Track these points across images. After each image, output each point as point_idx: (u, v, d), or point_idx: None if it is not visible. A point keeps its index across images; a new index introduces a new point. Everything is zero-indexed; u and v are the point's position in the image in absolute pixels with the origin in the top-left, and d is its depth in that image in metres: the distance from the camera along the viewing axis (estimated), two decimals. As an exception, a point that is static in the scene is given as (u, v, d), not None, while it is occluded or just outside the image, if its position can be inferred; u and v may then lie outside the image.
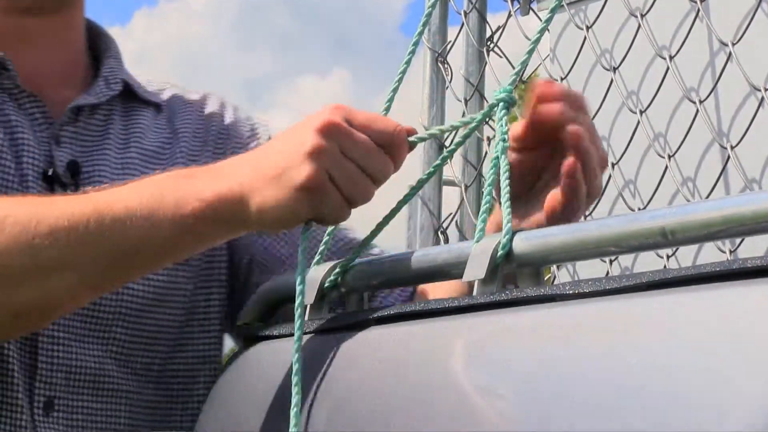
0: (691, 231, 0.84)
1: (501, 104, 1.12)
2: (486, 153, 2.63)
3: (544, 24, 1.15)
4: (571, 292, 0.88)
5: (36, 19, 1.38)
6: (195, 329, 1.37)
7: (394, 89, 1.21)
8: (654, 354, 0.77)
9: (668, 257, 2.07)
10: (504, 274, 0.98)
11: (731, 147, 2.03)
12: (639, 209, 2.20)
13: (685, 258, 2.05)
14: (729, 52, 2.04)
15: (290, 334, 1.15)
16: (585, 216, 1.23)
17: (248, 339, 1.24)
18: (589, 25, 2.36)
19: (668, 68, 2.16)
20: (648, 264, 2.10)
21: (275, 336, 1.18)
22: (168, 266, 1.31)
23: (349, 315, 1.10)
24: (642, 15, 2.23)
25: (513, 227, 0.99)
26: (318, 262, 1.18)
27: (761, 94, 1.98)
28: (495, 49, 2.65)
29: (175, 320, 1.35)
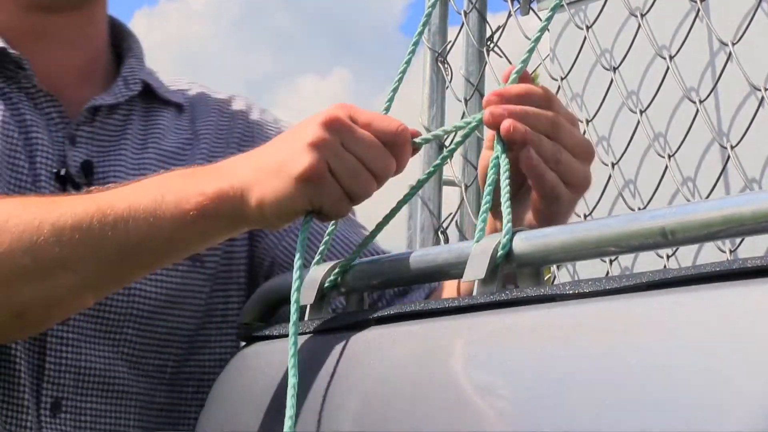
0: (691, 231, 0.84)
1: None
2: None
3: (545, 23, 1.15)
4: (571, 292, 0.88)
5: (56, 17, 1.38)
6: (212, 332, 1.35)
7: (394, 89, 1.21)
8: (654, 354, 0.77)
9: (668, 257, 2.07)
10: (504, 274, 0.98)
11: (731, 147, 2.03)
12: (639, 209, 2.19)
13: (685, 258, 2.05)
14: (729, 52, 2.04)
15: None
16: (585, 216, 1.23)
17: (248, 339, 1.24)
18: (589, 25, 2.36)
19: (668, 68, 2.16)
20: (648, 264, 2.10)
21: (275, 336, 1.18)
22: (180, 267, 1.31)
23: (349, 315, 1.10)
24: (642, 15, 2.23)
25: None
26: (318, 262, 1.18)
27: (761, 94, 1.98)
28: (495, 49, 2.65)
29: (190, 323, 1.34)
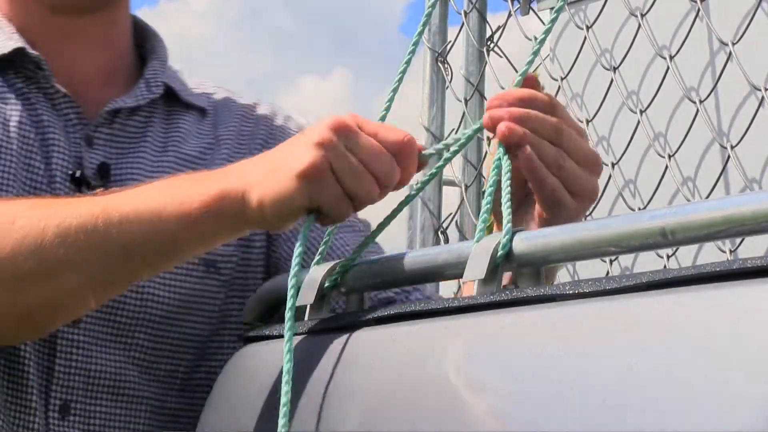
0: (691, 231, 0.84)
1: None
2: (486, 153, 2.63)
3: (550, 24, 1.15)
4: (571, 292, 0.88)
5: (78, 19, 1.38)
6: (225, 338, 1.34)
7: (394, 89, 1.21)
8: (654, 354, 0.77)
9: (668, 257, 2.07)
10: (503, 274, 0.98)
11: (731, 147, 2.03)
12: (639, 209, 2.19)
13: (685, 258, 2.05)
14: (729, 52, 2.04)
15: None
16: (585, 216, 1.22)
17: (248, 339, 1.24)
18: (589, 25, 2.36)
19: (668, 68, 2.16)
20: (648, 264, 2.10)
21: (275, 336, 1.18)
22: (194, 273, 1.31)
23: (349, 315, 1.10)
24: (642, 15, 2.23)
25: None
26: (318, 262, 1.18)
27: (761, 94, 1.98)
28: (495, 49, 2.65)
29: (204, 329, 1.33)
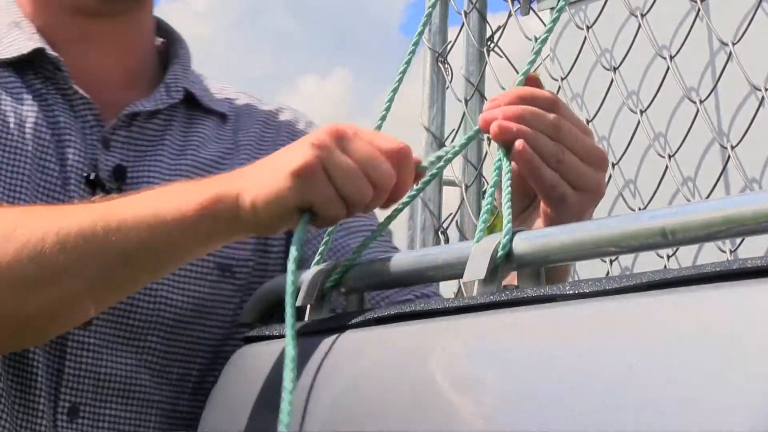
0: (691, 231, 0.84)
1: None
2: (486, 153, 2.63)
3: (552, 24, 1.15)
4: (571, 292, 0.88)
5: (100, 22, 1.38)
6: (239, 342, 1.35)
7: (394, 89, 1.21)
8: (654, 354, 0.77)
9: (668, 257, 2.07)
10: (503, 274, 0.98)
11: (731, 147, 2.03)
12: (639, 209, 2.19)
13: (685, 258, 2.05)
14: (729, 52, 2.04)
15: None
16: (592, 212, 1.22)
17: (248, 339, 1.24)
18: (589, 25, 2.36)
19: (668, 68, 2.16)
20: (648, 264, 2.10)
21: (275, 336, 1.18)
22: (209, 277, 1.31)
23: (349, 315, 1.10)
24: (642, 15, 2.23)
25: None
26: (318, 262, 1.18)
27: (761, 94, 1.98)
28: (495, 49, 2.65)
29: (218, 332, 1.32)
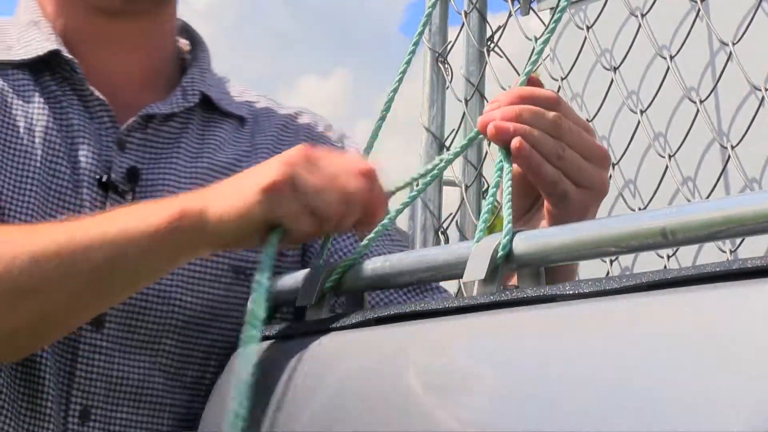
0: (691, 231, 0.84)
1: None
2: (486, 153, 2.63)
3: (554, 24, 1.15)
4: (571, 292, 0.88)
5: (122, 22, 1.37)
6: None
7: (394, 89, 1.21)
8: (654, 354, 0.77)
9: (668, 257, 2.07)
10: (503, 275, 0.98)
11: (731, 147, 2.03)
12: (639, 209, 2.19)
13: (685, 258, 2.05)
14: (729, 52, 2.04)
15: (289, 335, 1.16)
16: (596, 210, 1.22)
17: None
18: (589, 25, 2.36)
19: (668, 68, 2.16)
20: (648, 264, 2.10)
21: (274, 336, 1.18)
22: (223, 279, 1.30)
23: (349, 315, 1.10)
24: (642, 15, 2.23)
25: None
26: (318, 263, 1.18)
27: (761, 94, 1.98)
28: (495, 49, 2.65)
29: (232, 335, 1.31)
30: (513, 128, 1.11)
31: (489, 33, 2.67)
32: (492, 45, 2.65)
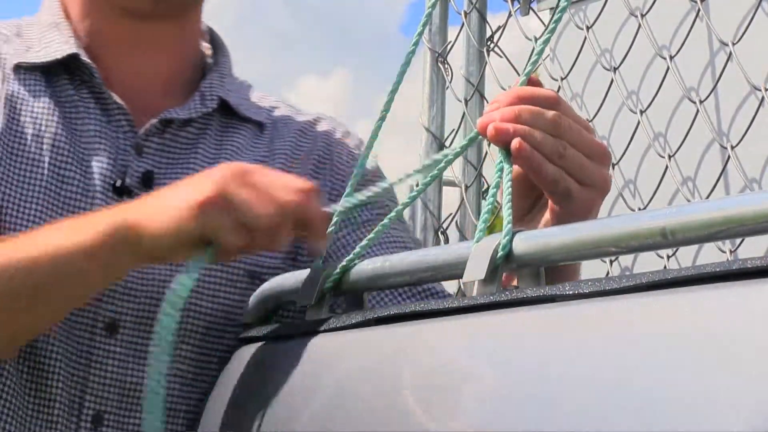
0: (691, 231, 0.84)
1: None
2: (486, 153, 2.63)
3: (554, 24, 1.15)
4: (571, 292, 0.88)
5: (149, 25, 1.37)
6: None
7: (394, 89, 1.21)
8: (654, 354, 0.77)
9: (668, 257, 2.07)
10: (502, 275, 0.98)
11: (731, 147, 2.03)
12: (639, 209, 2.20)
13: (685, 258, 2.05)
14: (729, 52, 2.04)
15: (289, 335, 1.16)
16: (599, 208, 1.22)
17: (246, 340, 1.24)
18: (589, 25, 2.36)
19: (668, 68, 2.16)
20: (648, 264, 2.10)
21: (274, 336, 1.18)
22: (239, 284, 1.30)
23: (349, 315, 1.10)
24: (642, 15, 2.23)
25: None
26: (317, 263, 1.18)
27: (761, 94, 1.98)
28: (495, 49, 2.65)
29: None
30: (513, 129, 1.11)
31: (489, 33, 2.67)
32: (492, 45, 2.65)
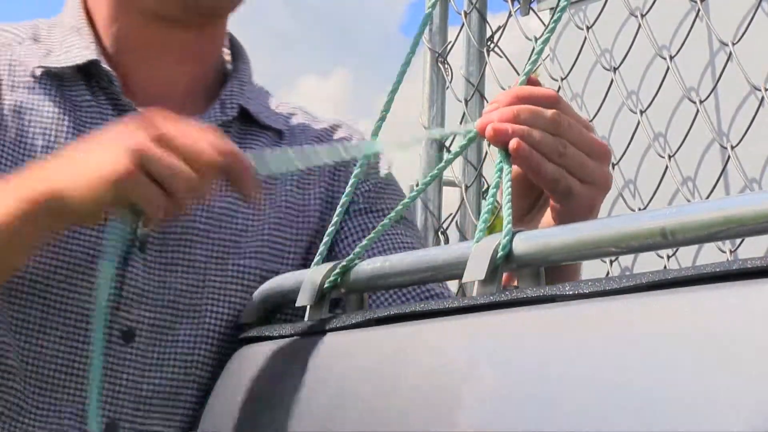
0: (691, 231, 0.84)
1: None
2: (486, 153, 2.63)
3: (553, 24, 1.15)
4: (571, 293, 0.88)
5: (175, 31, 1.36)
6: None
7: (394, 89, 1.21)
8: (654, 354, 0.77)
9: (668, 257, 2.07)
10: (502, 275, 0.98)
11: (731, 147, 2.03)
12: (639, 209, 2.20)
13: (685, 258, 2.06)
14: (729, 52, 2.05)
15: (289, 335, 1.16)
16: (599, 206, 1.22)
17: (246, 340, 1.24)
18: (589, 25, 2.36)
19: (668, 68, 2.16)
20: (648, 264, 2.10)
21: (274, 336, 1.18)
22: (253, 287, 1.30)
23: (349, 315, 1.10)
24: (642, 15, 2.23)
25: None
26: (318, 263, 1.18)
27: (761, 94, 1.98)
28: (495, 50, 2.65)
29: None
30: (511, 129, 1.11)
31: (489, 33, 2.67)
32: (492, 45, 2.65)
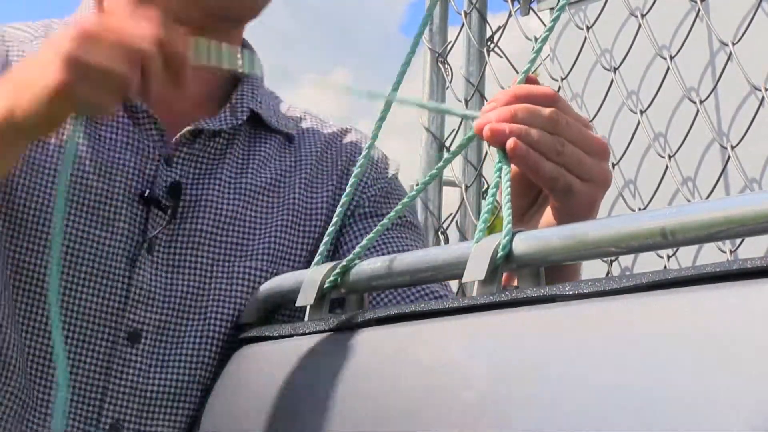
0: (691, 231, 0.84)
1: None
2: (486, 153, 2.63)
3: (552, 23, 1.15)
4: (571, 293, 0.88)
5: (199, 36, 1.36)
6: None
7: (394, 89, 1.21)
8: (654, 354, 0.77)
9: (668, 257, 2.07)
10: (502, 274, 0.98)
11: (731, 147, 2.03)
12: (639, 209, 2.20)
13: (685, 258, 2.06)
14: (729, 52, 2.05)
15: (289, 335, 1.16)
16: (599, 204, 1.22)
17: (246, 340, 1.24)
18: (589, 25, 2.36)
19: (668, 68, 2.17)
20: (648, 264, 2.10)
21: (274, 336, 1.18)
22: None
23: (349, 315, 1.10)
24: (642, 15, 2.23)
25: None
26: (318, 263, 1.18)
27: (761, 94, 1.98)
28: (495, 50, 2.65)
29: None
30: (509, 129, 1.11)
31: (489, 33, 2.67)
32: (492, 45, 2.65)
